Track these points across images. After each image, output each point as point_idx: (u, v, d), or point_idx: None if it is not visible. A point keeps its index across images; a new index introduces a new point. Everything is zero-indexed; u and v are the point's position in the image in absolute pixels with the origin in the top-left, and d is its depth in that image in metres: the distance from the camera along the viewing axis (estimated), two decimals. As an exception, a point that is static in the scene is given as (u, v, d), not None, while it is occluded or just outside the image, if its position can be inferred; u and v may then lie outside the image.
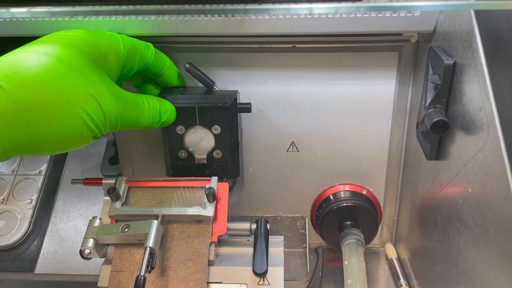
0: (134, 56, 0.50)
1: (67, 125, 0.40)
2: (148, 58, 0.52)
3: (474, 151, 0.40)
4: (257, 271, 0.51)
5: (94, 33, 0.46)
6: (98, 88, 0.42)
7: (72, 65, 0.41)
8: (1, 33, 0.53)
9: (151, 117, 0.50)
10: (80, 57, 0.42)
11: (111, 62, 0.47)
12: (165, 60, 0.54)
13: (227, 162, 0.58)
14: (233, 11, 0.44)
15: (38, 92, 0.38)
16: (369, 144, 0.62)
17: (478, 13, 0.40)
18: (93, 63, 0.44)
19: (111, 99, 0.44)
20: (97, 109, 0.42)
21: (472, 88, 0.41)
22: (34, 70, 0.38)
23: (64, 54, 0.41)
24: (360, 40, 0.56)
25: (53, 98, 0.39)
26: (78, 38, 0.44)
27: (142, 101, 0.49)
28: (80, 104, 0.40)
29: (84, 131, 0.42)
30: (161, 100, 0.53)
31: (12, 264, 0.68)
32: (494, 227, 0.37)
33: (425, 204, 0.55)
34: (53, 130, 0.40)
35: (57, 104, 0.39)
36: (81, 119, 0.41)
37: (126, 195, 0.54)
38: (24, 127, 0.38)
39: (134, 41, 0.50)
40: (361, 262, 0.57)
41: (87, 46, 0.44)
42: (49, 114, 0.39)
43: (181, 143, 0.57)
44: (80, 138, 0.42)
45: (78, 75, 0.41)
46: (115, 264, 0.51)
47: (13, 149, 0.38)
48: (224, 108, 0.54)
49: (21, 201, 0.73)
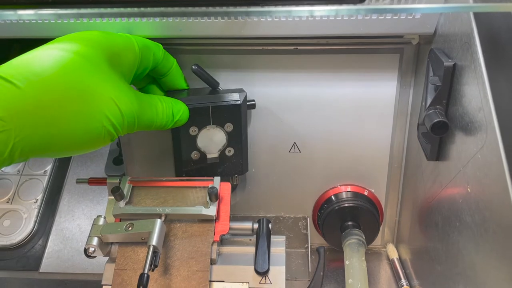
0: (148, 55, 0.50)
1: (86, 126, 0.40)
2: (159, 57, 0.52)
3: (473, 151, 0.41)
4: (259, 270, 0.51)
5: (109, 34, 0.46)
6: (116, 89, 0.42)
7: (91, 61, 0.41)
8: (9, 35, 0.54)
9: (165, 116, 0.50)
10: (98, 55, 0.42)
11: (126, 62, 0.47)
12: (172, 60, 0.55)
13: (238, 158, 0.58)
14: (235, 13, 0.45)
15: (56, 91, 0.37)
16: (371, 145, 0.62)
17: (477, 16, 0.41)
18: (110, 63, 0.43)
19: (129, 100, 0.43)
20: (115, 110, 0.42)
21: (471, 90, 0.41)
22: (51, 67, 0.38)
23: (82, 50, 0.41)
24: (361, 42, 0.57)
25: (72, 97, 0.38)
26: (95, 37, 0.44)
27: (156, 101, 0.49)
28: (99, 105, 0.40)
29: (103, 132, 0.41)
30: (173, 99, 0.53)
31: (17, 263, 0.69)
32: (493, 227, 0.38)
33: (426, 205, 0.55)
34: (72, 131, 0.39)
35: (76, 104, 0.39)
36: (100, 120, 0.40)
37: (130, 194, 0.55)
38: (42, 129, 0.37)
39: (146, 41, 0.51)
40: (362, 262, 0.58)
41: (104, 45, 0.44)
42: (68, 115, 0.38)
43: (194, 144, 0.57)
44: (98, 139, 0.42)
45: (97, 73, 0.41)
46: (119, 263, 0.51)
47: (31, 151, 0.38)
48: (236, 105, 0.55)
49: (26, 200, 0.73)
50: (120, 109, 0.42)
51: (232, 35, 0.53)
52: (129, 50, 0.47)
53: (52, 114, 0.37)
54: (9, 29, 0.54)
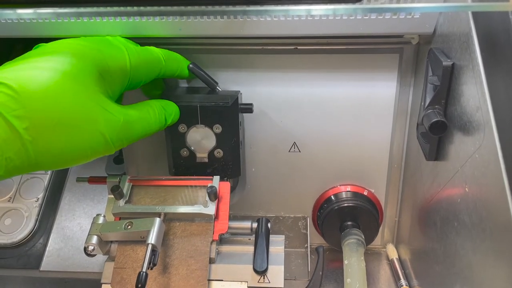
0: (140, 72, 0.50)
1: (73, 153, 0.41)
2: (157, 72, 0.52)
3: (471, 151, 0.41)
4: (257, 269, 0.51)
5: (102, 47, 0.46)
6: (101, 116, 0.43)
7: (79, 84, 0.42)
8: (8, 34, 0.55)
9: (158, 123, 0.51)
10: (87, 76, 0.43)
11: (115, 79, 0.47)
12: (177, 66, 0.55)
13: (228, 161, 0.58)
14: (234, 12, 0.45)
15: (39, 122, 0.38)
16: (370, 145, 0.62)
17: (475, 15, 0.41)
18: (98, 83, 0.44)
19: (115, 126, 0.44)
20: (101, 140, 0.43)
21: (469, 89, 0.41)
22: (47, 90, 0.39)
23: (70, 70, 0.41)
24: (361, 42, 0.57)
25: (56, 129, 0.39)
26: (87, 53, 0.44)
27: (146, 113, 0.49)
28: (84, 138, 0.41)
29: (90, 157, 0.43)
30: (165, 103, 0.53)
31: (18, 261, 0.69)
32: (490, 226, 0.37)
33: (425, 205, 0.55)
34: (57, 157, 0.40)
35: (60, 135, 0.40)
36: (85, 150, 0.42)
37: (130, 193, 0.55)
38: (27, 155, 0.38)
39: (143, 55, 0.50)
40: (361, 261, 0.58)
41: (94, 62, 0.44)
42: (54, 144, 0.40)
43: (183, 142, 0.58)
44: (84, 161, 0.43)
45: (84, 100, 0.42)
46: (118, 261, 0.52)
47: (37, 165, 0.39)
48: (225, 107, 0.55)
49: (27, 199, 0.74)
50: (106, 137, 0.43)
51: (231, 34, 0.53)
52: (118, 67, 0.47)
53: (35, 145, 0.39)
54: (9, 28, 0.54)
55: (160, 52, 0.52)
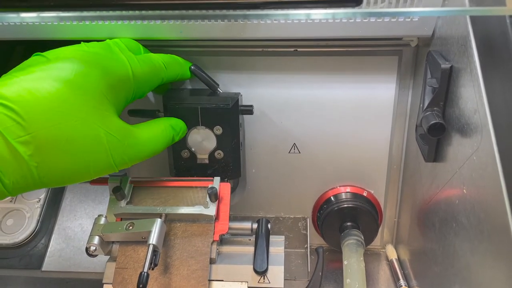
0: (143, 83, 0.50)
1: (75, 173, 0.42)
2: (160, 80, 0.52)
3: (469, 153, 0.41)
4: (257, 270, 0.52)
5: (104, 61, 0.46)
6: (109, 136, 0.43)
7: (85, 97, 0.42)
8: (11, 37, 0.55)
9: (166, 145, 0.52)
10: (94, 88, 0.43)
11: (119, 92, 0.46)
12: (178, 69, 0.55)
13: (228, 162, 0.59)
14: (234, 16, 0.45)
15: (58, 134, 0.39)
16: (370, 146, 0.62)
17: (473, 19, 0.41)
18: (105, 96, 0.44)
19: (120, 151, 0.44)
20: (107, 163, 0.43)
21: (467, 92, 0.42)
22: (51, 110, 0.39)
23: (77, 81, 0.42)
24: (360, 44, 0.57)
25: (60, 148, 0.40)
26: (93, 63, 0.44)
27: (156, 134, 0.50)
28: (88, 159, 0.42)
29: (92, 176, 0.44)
30: (174, 121, 0.54)
31: (20, 261, 0.69)
32: (487, 228, 0.38)
33: (424, 206, 0.55)
34: (79, 167, 0.42)
35: (65, 154, 0.40)
36: (88, 170, 0.43)
37: (131, 194, 0.55)
38: (31, 172, 0.39)
39: (145, 65, 0.50)
40: (360, 262, 0.58)
41: (102, 74, 0.44)
42: (57, 161, 0.40)
43: (184, 143, 0.58)
44: (105, 170, 0.44)
45: (88, 118, 0.42)
46: (119, 261, 0.52)
47: (42, 184, 0.40)
48: (225, 109, 0.55)
49: (29, 200, 0.74)
50: (109, 159, 0.43)
51: (232, 37, 0.53)
52: (123, 82, 0.47)
53: (40, 170, 0.39)
54: (12, 31, 0.55)
55: (161, 59, 0.52)
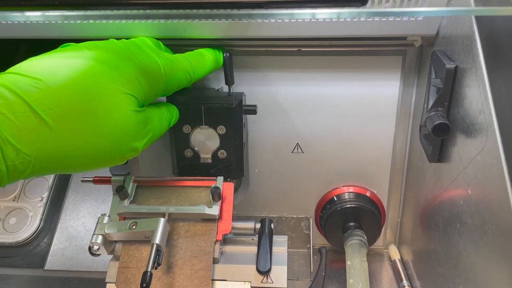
0: (172, 79, 0.49)
1: (103, 159, 0.43)
2: (186, 84, 0.51)
3: (474, 153, 0.41)
4: (260, 269, 0.52)
5: (137, 54, 0.45)
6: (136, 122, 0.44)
7: (123, 79, 0.41)
8: (16, 35, 0.55)
9: (164, 130, 0.51)
10: (131, 71, 0.43)
11: (151, 84, 0.46)
12: (203, 70, 0.54)
13: (232, 162, 0.59)
14: (239, 15, 0.45)
15: (84, 132, 0.39)
16: (373, 146, 0.62)
17: (478, 19, 0.41)
18: (134, 85, 0.43)
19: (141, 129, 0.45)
20: (133, 150, 0.45)
21: (472, 92, 0.41)
22: (81, 98, 0.38)
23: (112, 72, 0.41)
24: (365, 43, 0.57)
25: (98, 138, 0.40)
26: (126, 52, 0.43)
27: (161, 120, 0.50)
28: (119, 150, 0.43)
29: (117, 161, 0.45)
30: (168, 105, 0.54)
31: (23, 260, 0.70)
32: (492, 229, 0.38)
33: (427, 206, 0.55)
34: (89, 166, 0.42)
35: (100, 142, 0.41)
36: (115, 157, 0.44)
37: (134, 193, 0.55)
38: (61, 162, 0.39)
39: (174, 64, 0.49)
40: (363, 262, 0.58)
41: (133, 64, 0.43)
42: (90, 154, 0.40)
43: (187, 142, 0.58)
44: (114, 163, 0.45)
45: (123, 106, 0.42)
46: (122, 261, 0.52)
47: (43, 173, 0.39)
48: (229, 109, 0.55)
49: (32, 199, 0.74)
50: (136, 145, 0.45)
51: (236, 36, 0.53)
52: (156, 76, 0.46)
53: (73, 151, 0.39)
54: (17, 29, 0.55)
55: (188, 66, 0.50)
